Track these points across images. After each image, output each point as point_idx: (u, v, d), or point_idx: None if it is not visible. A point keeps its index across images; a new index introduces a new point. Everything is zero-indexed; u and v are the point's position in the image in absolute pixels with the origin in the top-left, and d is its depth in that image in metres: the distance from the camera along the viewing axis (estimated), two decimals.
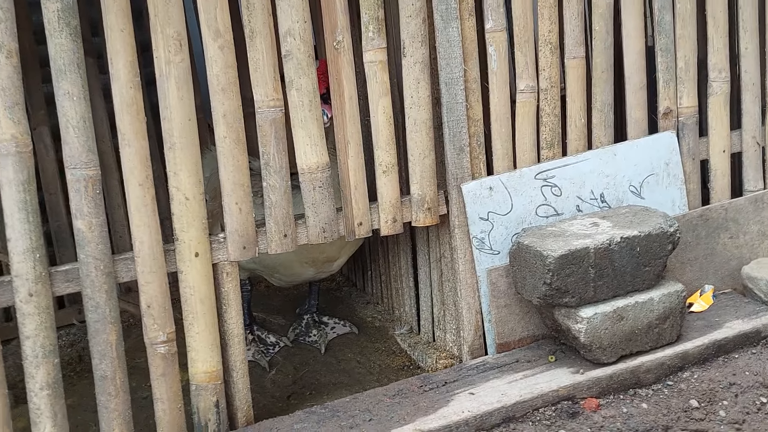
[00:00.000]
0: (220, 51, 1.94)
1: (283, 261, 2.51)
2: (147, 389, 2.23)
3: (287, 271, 2.59)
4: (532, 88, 2.37)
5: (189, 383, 2.09)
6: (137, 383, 2.57)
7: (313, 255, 2.50)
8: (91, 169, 1.84)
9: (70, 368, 2.82)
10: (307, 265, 2.55)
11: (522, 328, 2.39)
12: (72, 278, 1.91)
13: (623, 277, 2.20)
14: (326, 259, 2.56)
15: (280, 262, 2.51)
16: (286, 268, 2.56)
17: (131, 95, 1.85)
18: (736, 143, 2.75)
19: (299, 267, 2.56)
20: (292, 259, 2.49)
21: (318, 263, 2.56)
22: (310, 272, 2.62)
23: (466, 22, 2.25)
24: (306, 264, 2.54)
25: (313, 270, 2.61)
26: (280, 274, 2.63)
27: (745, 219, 2.68)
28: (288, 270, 2.58)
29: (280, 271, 2.60)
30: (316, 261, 2.55)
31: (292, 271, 2.59)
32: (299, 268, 2.57)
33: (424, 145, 2.24)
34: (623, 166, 2.50)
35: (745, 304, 2.53)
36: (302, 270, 2.59)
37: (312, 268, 2.59)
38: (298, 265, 2.55)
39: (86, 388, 2.63)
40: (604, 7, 2.43)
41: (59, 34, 1.76)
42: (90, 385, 2.03)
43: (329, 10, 2.09)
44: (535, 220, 2.39)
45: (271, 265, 2.56)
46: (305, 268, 2.58)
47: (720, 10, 2.61)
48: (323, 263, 2.58)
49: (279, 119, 2.05)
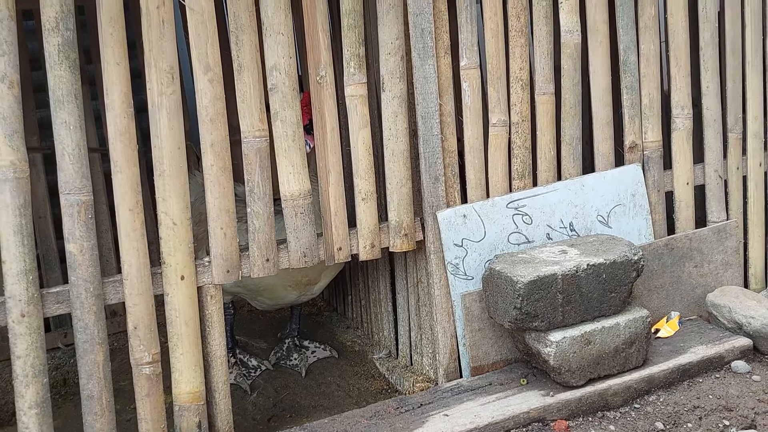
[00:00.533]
0: (210, 84, 2.05)
1: (267, 285, 2.59)
2: (131, 411, 2.29)
3: (270, 294, 2.67)
4: (504, 122, 2.50)
5: (172, 404, 2.16)
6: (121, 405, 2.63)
7: (295, 278, 2.59)
8: (84, 194, 1.93)
9: (54, 391, 2.86)
10: (290, 288, 2.64)
11: (495, 352, 2.48)
12: (63, 300, 1.99)
13: (590, 303, 2.30)
14: (308, 282, 2.65)
15: (264, 285, 2.59)
16: (269, 291, 2.65)
17: (125, 124, 1.95)
18: (699, 176, 2.89)
19: (282, 290, 2.64)
20: (275, 282, 2.57)
21: (300, 286, 2.65)
22: (293, 295, 2.70)
23: (441, 59, 2.38)
24: (289, 287, 2.63)
25: (296, 293, 2.69)
26: (264, 297, 2.71)
27: (709, 248, 2.80)
28: (271, 293, 2.66)
29: (263, 295, 2.68)
30: (299, 284, 2.63)
31: (276, 294, 2.67)
32: (282, 291, 2.65)
33: (401, 174, 2.36)
34: (591, 197, 2.62)
35: (709, 330, 2.64)
36: (285, 293, 2.67)
37: (295, 291, 2.67)
38: (281, 288, 2.63)
39: (71, 410, 2.68)
40: (572, 47, 2.58)
41: (59, 67, 1.86)
42: (75, 408, 2.09)
43: (313, 47, 2.22)
44: (507, 247, 2.50)
45: (255, 289, 2.64)
46: (288, 291, 2.66)
47: (682, 51, 2.77)
48: (305, 286, 2.66)
49: (264, 148, 2.16)
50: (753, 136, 2.95)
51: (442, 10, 2.37)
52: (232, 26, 2.08)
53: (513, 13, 2.48)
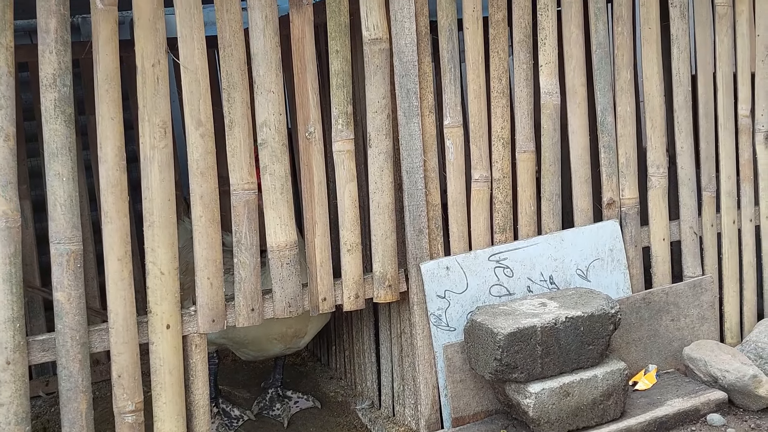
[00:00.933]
0: (201, 138, 2.12)
1: (252, 337, 2.61)
2: None
3: (255, 347, 2.69)
4: (486, 178, 2.58)
5: None
6: None
7: (281, 330, 2.61)
8: (74, 244, 1.97)
9: None
10: (276, 341, 2.65)
11: (476, 403, 2.51)
12: (48, 347, 2.01)
13: (569, 355, 2.35)
14: (294, 335, 2.67)
15: (249, 338, 2.62)
16: (254, 344, 2.66)
17: (117, 177, 2.01)
18: (675, 232, 2.97)
19: (267, 343, 2.66)
20: (260, 335, 2.59)
21: (286, 339, 2.67)
22: (278, 348, 2.72)
23: (426, 118, 2.48)
24: (275, 340, 2.65)
25: (281, 346, 2.71)
26: (249, 350, 2.73)
27: (686, 303, 2.87)
28: (257, 346, 2.68)
29: (248, 347, 2.70)
30: (285, 336, 2.65)
31: (261, 347, 2.69)
32: (267, 344, 2.67)
33: (386, 226, 2.42)
34: (570, 251, 2.70)
35: (686, 383, 2.69)
36: (270, 346, 2.69)
37: (280, 344, 2.69)
38: (266, 341, 2.65)
39: None
40: (551, 107, 2.69)
41: (54, 121, 1.93)
42: None
43: (303, 105, 2.30)
44: (489, 299, 2.56)
45: (240, 341, 2.66)
46: (273, 344, 2.68)
47: (657, 113, 2.89)
48: (291, 339, 2.68)
49: (252, 201, 2.22)
50: (726, 194, 3.05)
51: (427, 72, 2.47)
52: (224, 84, 2.17)
53: (495, 75, 2.59)
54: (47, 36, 1.90)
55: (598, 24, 2.75)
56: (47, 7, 1.90)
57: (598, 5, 2.74)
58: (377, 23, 2.34)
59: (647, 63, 2.85)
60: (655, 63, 2.84)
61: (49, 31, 1.90)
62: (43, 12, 1.90)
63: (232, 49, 2.15)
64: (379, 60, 2.35)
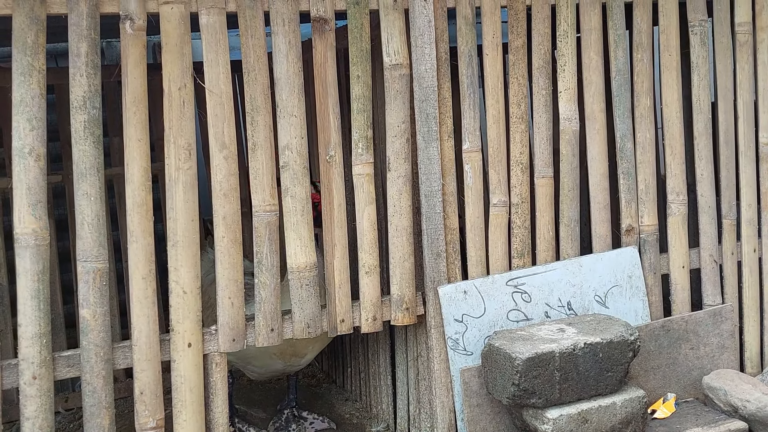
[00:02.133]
0: (225, 161, 2.17)
1: (254, 352, 2.62)
2: None
3: (258, 363, 2.69)
4: (504, 203, 2.60)
5: None
6: None
7: (281, 348, 2.61)
8: (100, 262, 2.02)
9: None
10: (276, 357, 2.65)
11: (493, 428, 2.50)
12: (73, 363, 2.05)
13: (587, 381, 2.34)
14: (293, 354, 2.67)
15: (252, 353, 2.62)
16: (257, 359, 2.67)
17: (142, 197, 2.06)
18: (695, 260, 2.96)
19: (268, 358, 2.66)
20: (259, 352, 2.60)
21: (286, 356, 2.67)
22: (279, 365, 2.72)
23: (445, 142, 2.51)
24: (274, 356, 2.65)
25: (282, 363, 2.71)
26: (253, 366, 2.74)
27: (705, 331, 2.85)
28: (259, 361, 2.68)
29: (252, 363, 2.71)
30: (284, 354, 2.65)
31: (263, 362, 2.69)
32: (268, 359, 2.67)
33: (404, 249, 2.44)
34: (589, 277, 2.70)
35: (705, 412, 2.66)
36: (271, 362, 2.69)
37: (280, 361, 2.69)
38: (267, 357, 2.65)
39: None
40: (570, 133, 2.71)
41: (84, 142, 1.98)
42: None
43: (324, 129, 2.34)
44: (507, 324, 2.56)
45: (244, 357, 2.67)
46: (273, 360, 2.68)
47: (677, 140, 2.89)
48: (290, 357, 2.68)
49: (273, 222, 2.25)
50: (747, 223, 3.04)
51: (446, 97, 2.50)
52: (248, 108, 2.21)
53: (514, 101, 2.62)
54: (78, 59, 1.96)
55: (617, 50, 2.77)
56: (78, 32, 1.96)
57: (618, 32, 2.76)
58: (398, 49, 2.38)
59: (667, 90, 2.86)
60: (675, 90, 2.86)
61: (80, 55, 1.96)
62: (75, 36, 1.96)
63: (256, 74, 2.20)
64: (399, 85, 2.39)
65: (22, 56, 1.92)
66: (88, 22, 1.96)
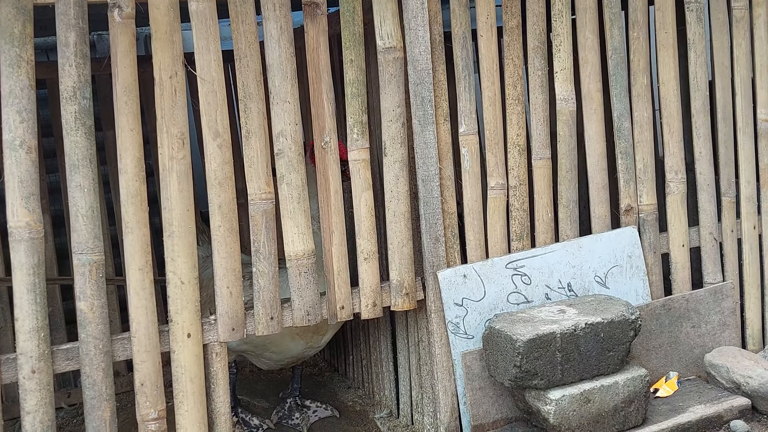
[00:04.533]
0: (219, 149, 2.15)
1: (274, 338, 2.61)
2: None
3: (277, 348, 2.68)
4: (502, 186, 2.58)
5: None
6: None
7: (303, 327, 2.59)
8: (96, 254, 2.00)
9: None
10: (298, 337, 2.64)
11: (496, 411, 2.50)
12: (72, 356, 2.03)
13: (589, 361, 2.33)
14: (315, 331, 2.65)
15: (272, 338, 2.62)
16: (276, 344, 2.66)
17: (137, 187, 2.04)
18: (694, 238, 2.95)
19: (290, 341, 2.65)
20: (282, 333, 2.58)
21: (308, 335, 2.66)
22: (300, 346, 2.70)
23: (441, 126, 2.49)
24: (297, 336, 2.63)
25: (303, 344, 2.69)
26: (270, 352, 2.72)
27: (706, 309, 2.84)
28: (278, 346, 2.67)
29: (270, 349, 2.69)
30: (306, 332, 2.64)
31: (283, 347, 2.67)
32: (290, 342, 2.65)
33: (402, 235, 2.43)
34: (588, 258, 2.68)
35: (708, 390, 2.66)
36: (293, 344, 2.67)
37: (302, 341, 2.67)
38: (289, 339, 2.64)
39: None
40: (567, 114, 2.69)
41: (75, 133, 1.96)
42: None
43: (318, 115, 2.32)
44: (507, 307, 2.55)
45: (261, 344, 2.66)
46: (295, 342, 2.66)
47: (675, 118, 2.87)
48: (312, 336, 2.67)
49: (270, 210, 2.24)
50: (746, 199, 3.02)
51: (441, 80, 2.48)
52: (240, 95, 2.19)
53: (510, 82, 2.59)
54: (66, 49, 1.94)
55: (613, 29, 2.74)
56: (66, 21, 1.94)
57: (613, 10, 2.74)
58: (391, 32, 2.36)
59: (663, 68, 2.84)
60: (671, 68, 2.84)
61: (68, 45, 1.94)
62: (63, 26, 1.94)
63: (248, 60, 2.17)
64: (393, 69, 2.37)
65: (9, 47, 1.89)
66: (75, 11, 1.94)
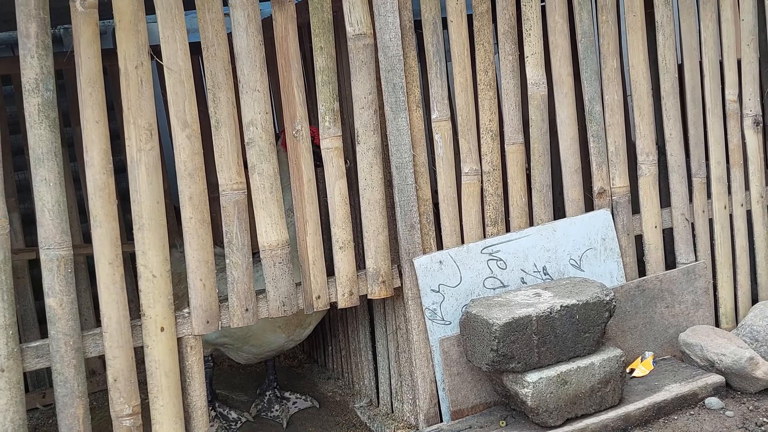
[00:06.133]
0: (188, 140, 2.12)
1: (256, 329, 2.58)
2: None
3: (258, 341, 2.65)
4: (476, 171, 2.58)
5: None
6: None
7: (286, 319, 2.57)
8: (64, 249, 1.96)
9: None
10: (280, 330, 2.62)
11: (474, 396, 2.50)
12: (42, 354, 2.00)
13: (565, 343, 2.35)
14: (298, 324, 2.64)
15: (253, 331, 2.59)
16: (257, 337, 2.63)
17: (104, 180, 2.00)
18: (667, 220, 2.98)
19: (271, 333, 2.63)
20: (265, 324, 2.56)
21: (290, 327, 2.64)
22: (282, 339, 2.68)
23: (413, 113, 2.47)
24: (278, 329, 2.61)
25: (285, 337, 2.67)
26: (250, 345, 2.69)
27: (680, 289, 2.87)
28: (259, 339, 2.64)
29: (250, 342, 2.66)
30: (289, 325, 2.62)
31: (264, 339, 2.65)
32: (271, 335, 2.63)
33: (377, 222, 2.42)
34: (563, 242, 2.70)
35: (683, 368, 2.69)
36: (274, 338, 2.65)
37: (284, 334, 2.65)
38: (270, 332, 2.62)
39: None
40: (539, 98, 2.69)
41: (39, 126, 1.92)
42: None
43: (289, 103, 2.30)
44: (483, 292, 2.55)
45: (241, 337, 2.63)
46: (277, 335, 2.64)
47: (645, 100, 2.89)
48: (295, 328, 2.65)
49: (242, 201, 2.21)
50: (717, 180, 3.06)
51: (413, 66, 2.47)
52: (209, 84, 2.16)
53: (481, 68, 2.59)
54: (28, 41, 1.90)
55: (582, 13, 2.75)
56: (27, 12, 1.89)
57: None
58: (361, 18, 2.34)
59: (633, 51, 2.86)
60: (641, 51, 2.85)
61: (29, 36, 1.89)
62: (23, 17, 1.89)
63: (215, 49, 2.14)
64: (363, 55, 2.35)
65: None
66: (36, 1, 1.89)
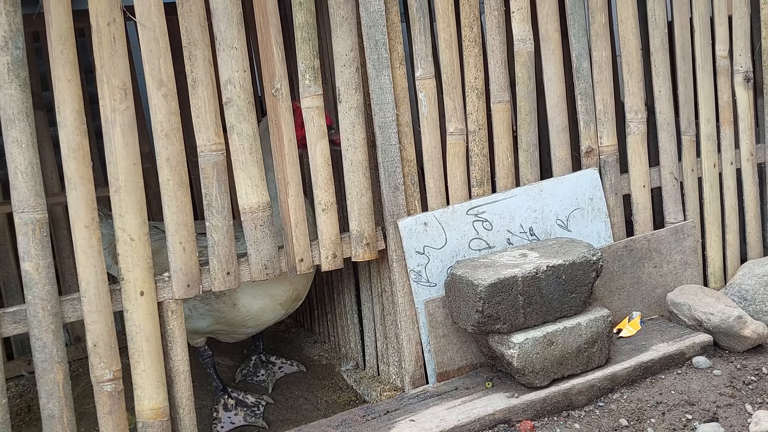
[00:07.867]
0: (164, 99, 2.06)
1: (256, 310, 2.51)
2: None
3: (256, 321, 2.57)
4: (461, 131, 2.53)
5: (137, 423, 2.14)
6: (86, 428, 2.59)
7: (288, 294, 2.53)
8: (38, 212, 1.92)
9: (18, 418, 2.82)
10: (280, 307, 2.56)
11: (460, 358, 2.49)
12: (19, 319, 1.96)
13: (551, 304, 2.33)
14: (296, 298, 2.59)
15: (252, 313, 2.51)
16: (256, 318, 2.55)
17: (77, 141, 1.95)
18: (655, 179, 2.94)
19: (271, 312, 2.56)
20: (266, 305, 2.50)
21: (289, 303, 2.58)
22: (281, 314, 2.61)
23: (396, 70, 2.42)
24: (279, 306, 2.55)
25: (283, 312, 2.61)
26: (247, 327, 2.60)
27: (668, 249, 2.85)
28: (258, 320, 2.56)
29: (248, 324, 2.58)
30: (288, 300, 2.56)
31: (264, 318, 2.57)
32: (271, 313, 2.56)
33: (361, 184, 2.38)
34: (550, 202, 2.66)
35: (670, 328, 2.68)
36: (273, 315, 2.58)
37: (283, 310, 2.59)
38: (271, 311, 2.55)
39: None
40: (525, 55, 2.63)
41: (9, 85, 1.86)
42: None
43: (268, 61, 2.24)
44: (469, 253, 2.53)
45: (239, 321, 2.54)
46: (276, 312, 2.57)
47: (634, 57, 2.84)
48: (292, 303, 2.60)
49: (221, 162, 2.16)
50: (706, 138, 3.02)
51: (395, 22, 2.41)
52: (184, 41, 2.10)
53: (466, 24, 2.52)
54: None
55: None
56: None
57: None
58: None
59: (622, 6, 2.79)
60: (629, 5, 2.79)
61: None
62: None
63: (190, 4, 2.07)
64: (344, 11, 2.29)
65: None
66: None
